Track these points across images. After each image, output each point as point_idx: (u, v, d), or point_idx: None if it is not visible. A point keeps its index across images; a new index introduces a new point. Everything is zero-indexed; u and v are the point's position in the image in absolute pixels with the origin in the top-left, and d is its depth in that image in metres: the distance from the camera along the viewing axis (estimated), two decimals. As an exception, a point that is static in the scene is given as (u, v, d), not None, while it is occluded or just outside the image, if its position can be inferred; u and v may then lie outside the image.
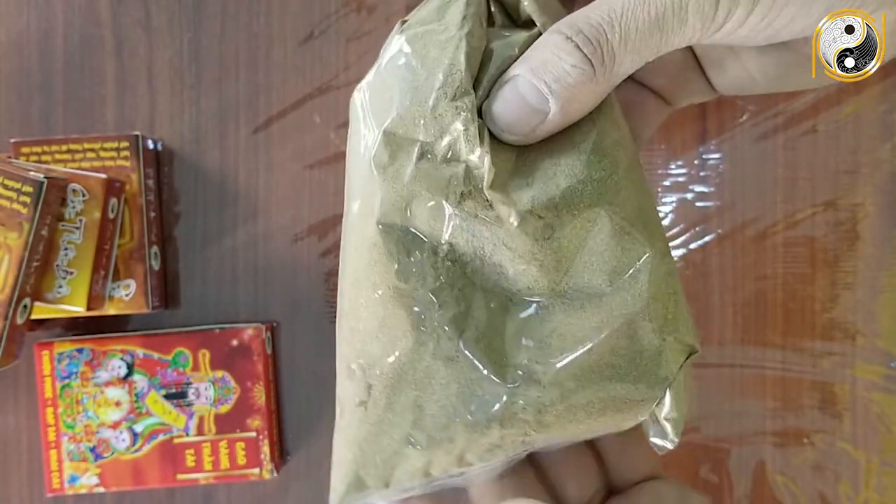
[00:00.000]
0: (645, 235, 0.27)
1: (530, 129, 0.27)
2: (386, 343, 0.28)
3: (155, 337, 0.51)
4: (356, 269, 0.29)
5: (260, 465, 0.51)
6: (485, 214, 0.27)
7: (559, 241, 0.27)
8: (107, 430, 0.51)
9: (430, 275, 0.27)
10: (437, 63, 0.27)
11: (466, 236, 0.27)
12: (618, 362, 0.27)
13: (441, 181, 0.27)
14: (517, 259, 0.27)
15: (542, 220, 0.27)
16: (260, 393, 0.51)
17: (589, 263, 0.27)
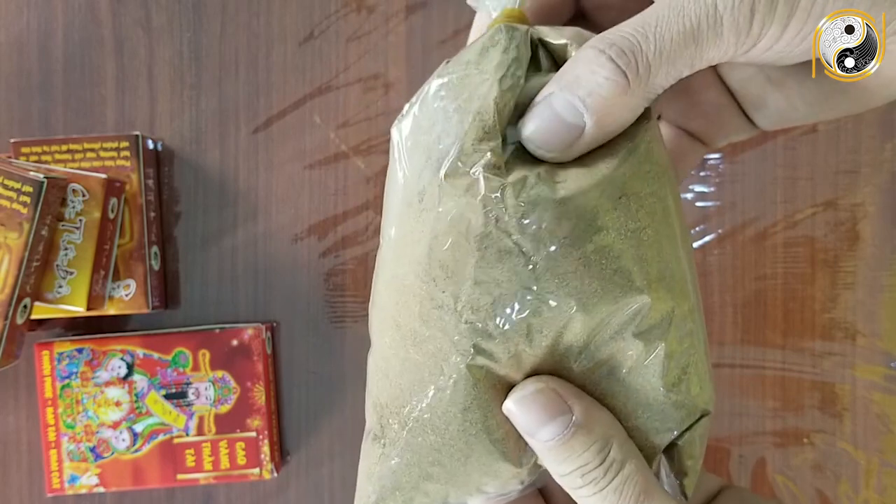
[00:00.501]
0: (669, 293, 0.27)
1: (567, 146, 0.27)
2: (407, 389, 0.28)
3: (155, 337, 0.51)
4: (385, 306, 0.29)
5: (260, 465, 0.51)
6: (506, 250, 0.26)
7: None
8: (107, 430, 0.51)
9: (451, 324, 0.27)
10: (467, 109, 0.27)
11: (489, 278, 0.26)
12: (624, 409, 0.28)
13: (462, 220, 0.26)
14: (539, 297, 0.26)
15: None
16: (260, 393, 0.51)
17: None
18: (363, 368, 0.54)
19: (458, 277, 0.26)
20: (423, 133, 0.28)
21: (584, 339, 0.27)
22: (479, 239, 0.26)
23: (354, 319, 0.52)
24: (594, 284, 0.26)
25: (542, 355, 0.27)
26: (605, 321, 0.26)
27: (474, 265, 0.26)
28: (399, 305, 0.28)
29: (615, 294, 0.26)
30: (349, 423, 0.53)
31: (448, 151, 0.27)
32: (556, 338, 0.27)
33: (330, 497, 0.53)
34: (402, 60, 0.52)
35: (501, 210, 0.26)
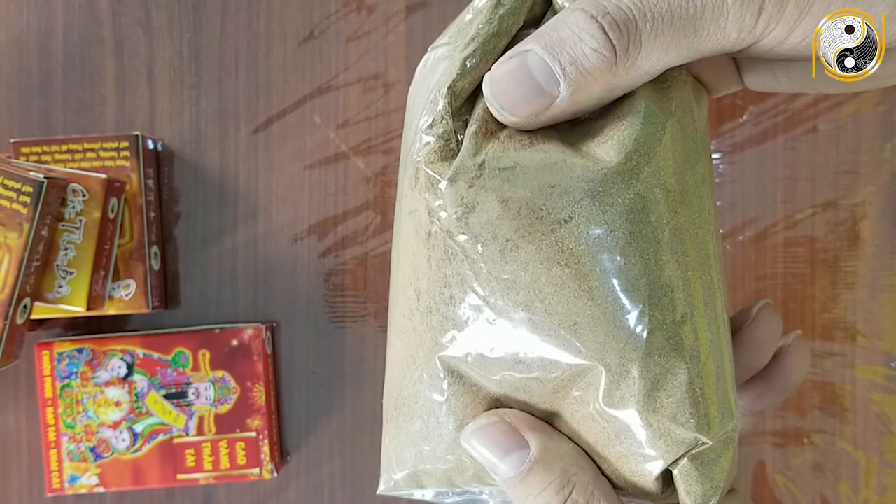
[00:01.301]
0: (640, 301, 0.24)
1: (532, 113, 0.24)
2: (397, 377, 0.28)
3: (155, 337, 0.51)
4: (391, 295, 0.28)
5: (260, 465, 0.51)
6: (452, 252, 0.24)
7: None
8: (107, 430, 0.51)
9: (417, 319, 0.26)
10: (429, 89, 0.25)
11: (440, 285, 0.25)
12: (604, 433, 0.25)
13: (414, 217, 0.25)
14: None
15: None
16: (260, 393, 0.51)
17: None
18: (363, 368, 0.54)
19: (419, 273, 0.25)
20: (409, 110, 0.26)
21: (541, 354, 0.24)
22: (426, 237, 0.25)
23: (354, 319, 0.52)
24: (546, 292, 0.23)
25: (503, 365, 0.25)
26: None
27: (425, 263, 0.25)
28: (395, 295, 0.27)
29: (569, 308, 0.23)
30: (349, 423, 0.53)
31: (411, 137, 0.25)
32: (514, 348, 0.24)
33: (330, 497, 0.53)
34: (402, 60, 0.52)
35: (439, 207, 0.24)
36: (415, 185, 0.24)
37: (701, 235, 0.25)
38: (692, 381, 0.24)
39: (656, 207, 0.24)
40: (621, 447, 0.25)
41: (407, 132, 0.27)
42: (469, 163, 0.24)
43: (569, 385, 0.24)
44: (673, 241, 0.24)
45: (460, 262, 0.24)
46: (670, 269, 0.24)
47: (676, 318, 0.24)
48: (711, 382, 0.24)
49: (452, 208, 0.24)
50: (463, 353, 0.25)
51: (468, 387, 0.26)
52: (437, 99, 0.24)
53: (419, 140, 0.24)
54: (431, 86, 0.25)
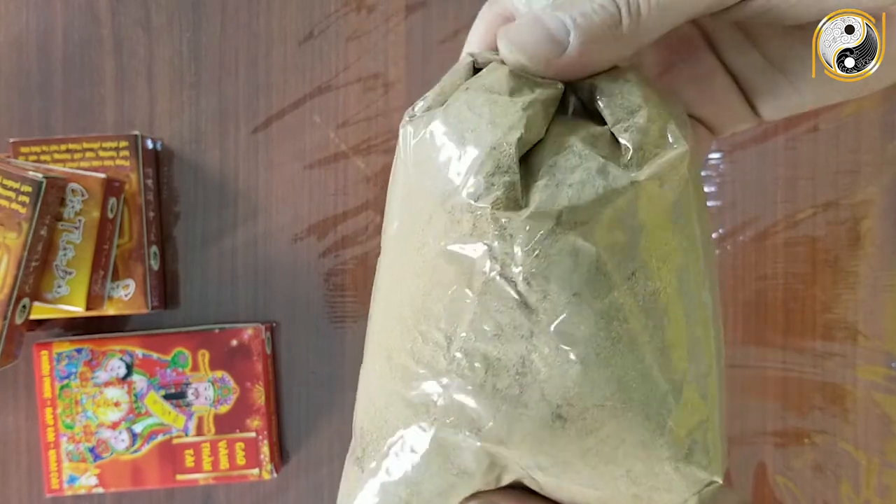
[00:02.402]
0: (684, 355, 0.25)
1: (544, 58, 0.25)
2: (392, 423, 0.27)
3: (154, 337, 0.51)
4: (379, 331, 0.28)
5: (259, 466, 0.51)
6: (507, 299, 0.24)
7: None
8: (106, 431, 0.51)
9: (443, 366, 0.25)
10: (488, 136, 0.24)
11: (486, 327, 0.25)
12: (632, 465, 0.26)
13: (465, 260, 0.25)
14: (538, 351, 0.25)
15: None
16: (259, 393, 0.51)
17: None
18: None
19: (454, 320, 0.25)
20: (435, 149, 0.25)
21: (580, 404, 0.24)
22: (481, 284, 0.24)
23: (354, 319, 0.52)
24: (605, 346, 0.24)
25: (534, 417, 0.25)
26: (611, 389, 0.24)
27: (472, 310, 0.25)
28: (392, 337, 0.27)
29: (621, 363, 0.24)
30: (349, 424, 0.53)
31: (459, 180, 0.24)
32: (556, 397, 0.24)
33: (330, 497, 0.53)
34: (401, 60, 0.52)
35: (507, 256, 0.24)
36: (470, 229, 0.24)
37: (711, 284, 0.27)
38: (713, 426, 0.26)
39: (696, 266, 0.25)
40: (637, 489, 0.26)
41: (417, 180, 0.26)
42: (548, 211, 0.24)
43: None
44: (704, 295, 0.26)
45: (513, 311, 0.24)
46: (701, 324, 0.25)
47: (703, 370, 0.25)
48: (722, 427, 0.26)
49: (523, 255, 0.24)
50: (492, 404, 0.25)
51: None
52: (502, 147, 0.24)
53: (475, 186, 0.24)
54: (478, 135, 0.24)
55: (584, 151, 0.24)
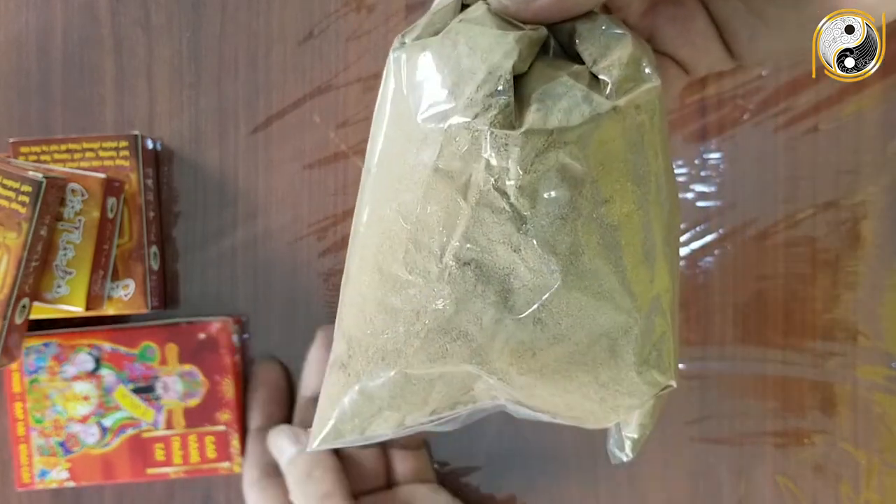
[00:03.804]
0: (652, 283, 0.28)
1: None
2: (380, 329, 0.29)
3: (122, 331, 0.51)
4: (367, 245, 0.29)
5: (230, 459, 0.51)
6: (500, 210, 0.27)
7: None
8: (76, 425, 0.51)
9: (434, 273, 0.27)
10: (485, 60, 0.26)
11: (478, 237, 0.27)
12: (599, 371, 0.29)
13: (461, 175, 0.27)
14: (527, 258, 0.27)
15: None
16: (228, 386, 0.51)
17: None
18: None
19: (448, 231, 0.27)
20: (432, 73, 0.27)
21: (557, 310, 0.27)
22: (477, 196, 0.27)
23: (354, 319, 0.52)
24: (583, 259, 0.27)
25: (522, 319, 0.27)
26: (585, 299, 0.27)
27: (466, 221, 0.27)
28: (382, 249, 0.28)
29: (601, 282, 0.27)
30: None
31: (457, 101, 0.26)
32: (537, 304, 0.27)
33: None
34: (401, 60, 0.52)
35: (503, 170, 0.26)
36: (468, 146, 0.26)
37: (674, 209, 0.30)
38: (669, 339, 0.29)
39: (660, 180, 0.28)
40: (604, 393, 0.29)
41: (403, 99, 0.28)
42: (541, 128, 0.26)
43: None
44: (671, 218, 0.29)
45: (505, 222, 0.26)
46: (667, 244, 0.29)
47: (666, 287, 0.29)
48: (676, 340, 0.30)
49: (517, 169, 0.26)
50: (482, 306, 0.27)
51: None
52: (498, 72, 0.26)
53: (473, 105, 0.26)
54: (486, 61, 0.26)
55: (569, 82, 0.26)
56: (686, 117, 0.51)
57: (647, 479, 0.52)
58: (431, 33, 0.28)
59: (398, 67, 0.28)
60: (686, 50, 0.33)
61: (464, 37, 0.27)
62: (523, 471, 0.52)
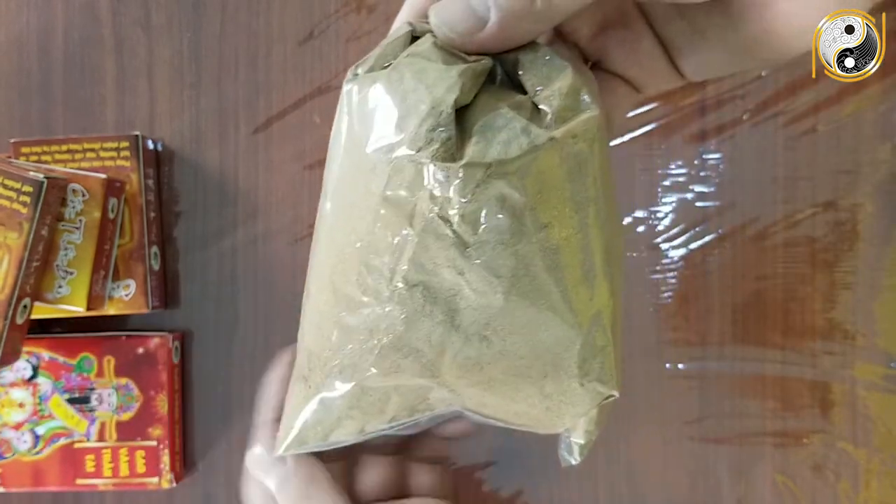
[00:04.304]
0: (595, 301, 0.30)
1: (467, 32, 0.28)
2: (336, 345, 0.31)
3: (61, 340, 0.51)
4: (323, 265, 0.31)
5: (159, 475, 0.51)
6: (444, 237, 0.28)
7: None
8: (9, 431, 0.51)
9: (385, 294, 0.29)
10: (429, 95, 0.28)
11: (424, 261, 0.28)
12: (544, 383, 0.30)
13: (407, 204, 0.28)
14: (471, 279, 0.29)
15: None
16: (163, 402, 0.51)
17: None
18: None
19: (397, 255, 0.29)
20: (379, 107, 0.29)
21: (502, 329, 0.29)
22: (422, 224, 0.28)
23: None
24: (525, 281, 0.28)
25: (468, 337, 0.29)
26: (528, 318, 0.29)
27: (413, 247, 0.28)
28: (338, 270, 0.30)
29: (543, 301, 0.29)
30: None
31: (402, 134, 0.28)
32: (482, 322, 0.29)
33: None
34: (401, 60, 0.52)
35: (445, 200, 0.28)
36: (413, 177, 0.28)
37: (615, 230, 0.31)
38: (611, 352, 0.30)
39: (599, 205, 0.30)
40: (549, 403, 0.31)
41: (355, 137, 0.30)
42: (479, 161, 0.27)
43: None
44: (611, 241, 0.30)
45: (449, 247, 0.28)
46: (607, 264, 0.30)
47: (606, 305, 0.30)
48: (619, 352, 0.31)
49: (459, 199, 0.27)
50: (430, 324, 0.29)
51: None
52: (441, 107, 0.27)
53: (417, 139, 0.27)
54: (429, 95, 0.28)
55: (509, 114, 0.28)
56: (686, 118, 0.51)
57: (647, 478, 0.52)
58: (383, 65, 0.29)
59: (350, 99, 0.30)
60: (635, 70, 0.34)
61: (410, 71, 0.28)
62: (523, 471, 0.52)
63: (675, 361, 0.51)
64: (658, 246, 0.51)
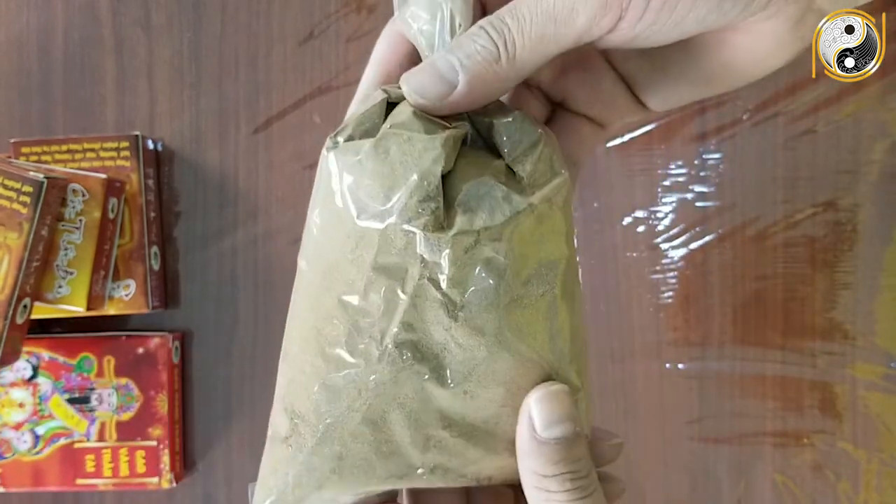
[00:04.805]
0: (573, 364, 0.32)
1: (438, 97, 0.30)
2: (324, 406, 0.32)
3: (61, 340, 0.51)
4: (307, 327, 0.32)
5: (159, 475, 0.51)
6: (434, 299, 0.30)
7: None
8: (9, 431, 0.51)
9: (375, 355, 0.30)
10: (416, 168, 0.30)
11: (414, 322, 0.30)
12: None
13: (399, 269, 0.30)
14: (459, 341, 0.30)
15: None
16: (163, 402, 0.51)
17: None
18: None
19: (388, 318, 0.30)
20: (367, 178, 0.30)
21: (485, 380, 0.31)
22: (413, 288, 0.30)
23: (354, 319, 0.52)
24: (507, 335, 0.30)
25: (453, 390, 0.31)
26: (508, 367, 0.31)
27: (404, 309, 0.30)
28: (324, 333, 0.31)
29: (518, 348, 0.31)
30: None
31: (392, 205, 0.30)
32: (466, 374, 0.30)
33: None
34: (401, 60, 0.52)
35: (436, 266, 0.30)
36: (404, 245, 0.30)
37: (577, 281, 0.33)
38: (585, 395, 0.33)
39: (570, 262, 0.32)
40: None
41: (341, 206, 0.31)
42: (468, 230, 0.30)
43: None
44: (577, 291, 0.33)
45: (438, 308, 0.30)
46: (577, 315, 0.33)
47: (579, 351, 0.33)
48: (589, 394, 0.33)
49: (448, 264, 0.30)
50: (418, 381, 0.31)
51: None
52: (429, 179, 0.30)
53: (407, 210, 0.29)
54: (417, 168, 0.30)
55: (490, 182, 0.30)
56: (685, 118, 0.51)
57: (647, 478, 0.52)
58: (362, 133, 0.31)
59: (331, 166, 0.32)
60: (597, 109, 0.35)
61: (395, 144, 0.30)
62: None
63: (675, 361, 0.51)
64: (658, 246, 0.51)
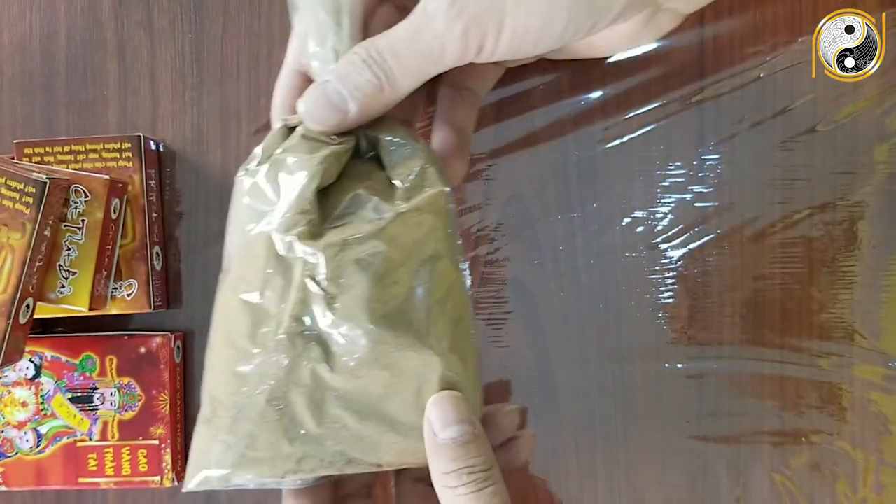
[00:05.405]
0: (452, 353, 0.36)
1: (334, 124, 0.36)
2: (234, 390, 0.35)
3: (64, 340, 0.51)
4: (222, 320, 0.37)
5: (161, 474, 0.51)
6: (316, 294, 0.34)
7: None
8: (11, 430, 0.51)
9: (272, 344, 0.35)
10: (297, 185, 0.35)
11: (302, 315, 0.35)
12: (414, 397, 0.35)
13: (287, 270, 0.35)
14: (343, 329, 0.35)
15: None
16: (165, 402, 0.51)
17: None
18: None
19: (283, 310, 0.35)
20: (261, 195, 0.36)
21: (368, 362, 0.34)
22: (298, 284, 0.34)
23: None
24: (382, 325, 0.34)
25: (342, 373, 0.34)
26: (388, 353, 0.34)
27: (292, 304, 0.34)
28: (234, 326, 0.36)
29: (394, 339, 0.34)
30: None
31: (276, 217, 0.35)
32: (349, 362, 0.34)
33: None
34: (402, 62, 0.52)
35: (314, 266, 0.34)
36: (288, 250, 0.35)
37: (460, 285, 0.37)
38: (470, 384, 0.36)
39: (444, 261, 0.36)
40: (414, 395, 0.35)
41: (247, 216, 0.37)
42: (337, 241, 0.35)
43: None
44: (455, 292, 0.37)
45: (320, 301, 0.34)
46: (458, 312, 0.37)
47: (463, 350, 0.36)
48: (477, 391, 0.37)
49: (323, 265, 0.34)
50: (309, 365, 0.35)
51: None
52: (305, 195, 0.35)
53: (291, 223, 0.35)
54: (296, 186, 0.35)
55: (364, 195, 0.36)
56: (685, 118, 0.51)
57: (646, 477, 0.52)
58: (265, 159, 0.37)
59: (238, 189, 0.37)
60: (473, 78, 0.44)
61: (283, 166, 0.36)
62: (523, 470, 0.52)
63: (675, 361, 0.51)
64: (657, 246, 0.51)
